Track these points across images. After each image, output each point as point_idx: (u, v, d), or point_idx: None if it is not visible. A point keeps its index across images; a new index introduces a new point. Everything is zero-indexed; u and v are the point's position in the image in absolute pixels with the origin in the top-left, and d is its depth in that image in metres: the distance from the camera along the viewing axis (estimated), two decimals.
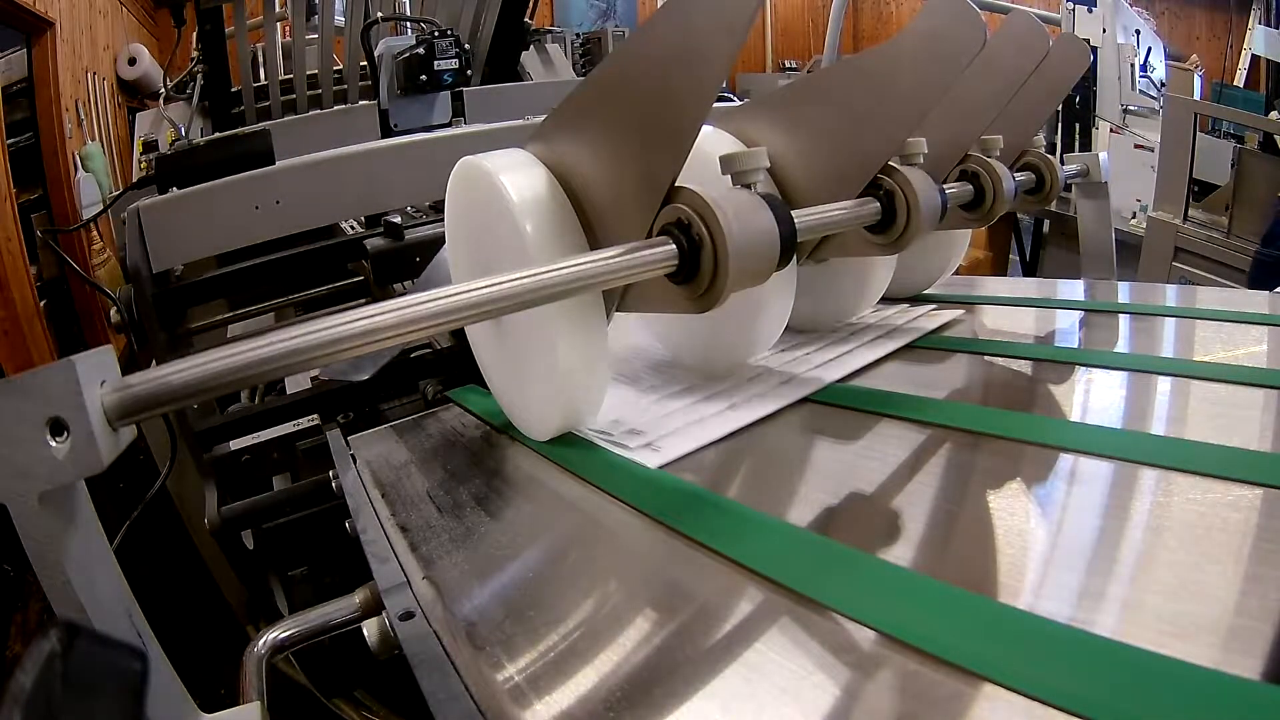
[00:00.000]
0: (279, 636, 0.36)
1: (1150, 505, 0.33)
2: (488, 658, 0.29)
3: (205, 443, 0.79)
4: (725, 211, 0.37)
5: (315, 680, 0.77)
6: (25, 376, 0.25)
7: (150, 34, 3.61)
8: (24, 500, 0.25)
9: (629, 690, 0.26)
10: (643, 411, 0.50)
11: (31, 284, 2.23)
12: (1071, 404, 0.47)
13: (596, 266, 0.37)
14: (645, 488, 0.40)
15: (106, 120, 2.97)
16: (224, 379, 0.28)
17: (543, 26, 1.87)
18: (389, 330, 0.31)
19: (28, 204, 2.38)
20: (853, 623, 0.27)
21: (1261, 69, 3.33)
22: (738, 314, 0.52)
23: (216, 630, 0.93)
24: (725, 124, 0.54)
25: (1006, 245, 2.54)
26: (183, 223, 0.80)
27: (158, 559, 1.03)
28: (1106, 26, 2.21)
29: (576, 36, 3.92)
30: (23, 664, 0.19)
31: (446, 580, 0.35)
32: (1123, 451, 0.37)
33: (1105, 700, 0.22)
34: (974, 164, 0.58)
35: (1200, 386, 0.45)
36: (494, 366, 0.54)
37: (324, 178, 0.86)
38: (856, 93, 0.49)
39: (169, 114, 1.64)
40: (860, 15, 6.35)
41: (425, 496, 0.45)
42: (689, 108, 0.37)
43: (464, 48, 1.10)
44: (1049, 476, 0.37)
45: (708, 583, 0.32)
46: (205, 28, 1.55)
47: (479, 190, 0.47)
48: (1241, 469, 0.34)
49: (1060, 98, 0.67)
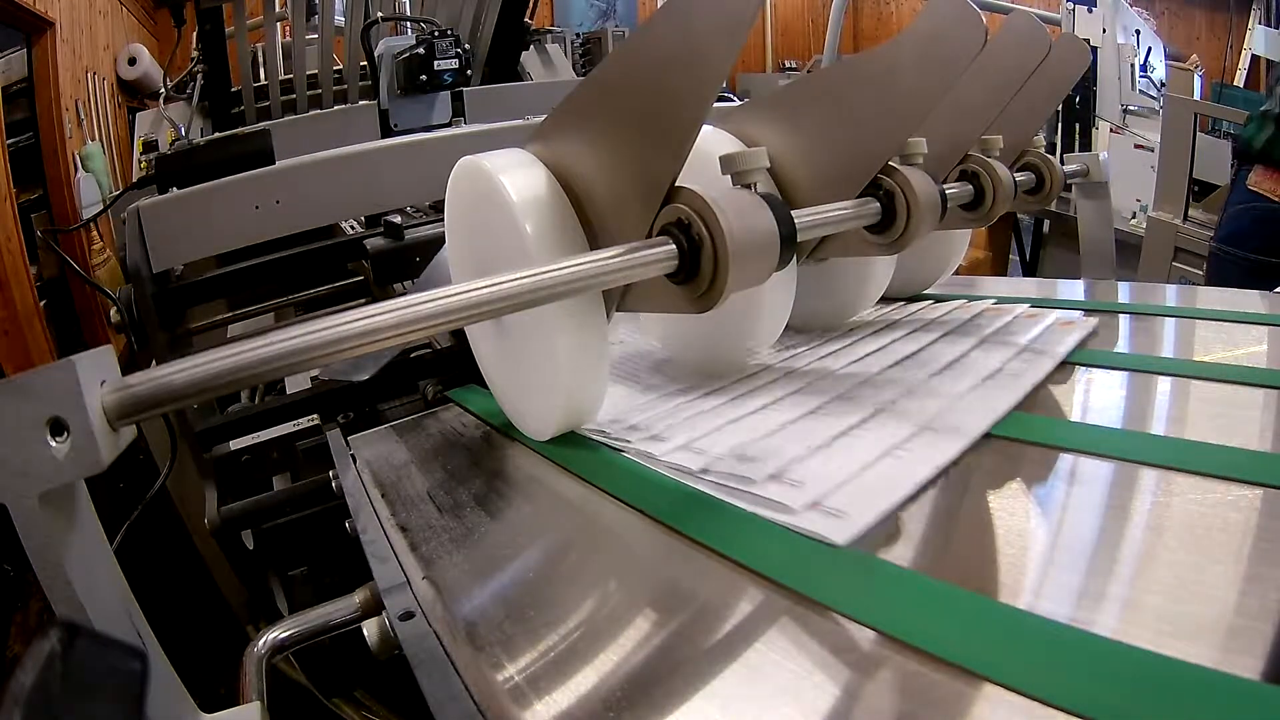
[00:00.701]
0: (279, 636, 0.36)
1: (1150, 505, 0.33)
2: (488, 658, 0.29)
3: (205, 443, 0.79)
4: (725, 211, 0.37)
5: (315, 680, 0.77)
6: (25, 376, 0.25)
7: (150, 34, 3.61)
8: (24, 500, 0.25)
9: (629, 690, 0.26)
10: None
11: (31, 284, 2.23)
12: (1071, 404, 0.47)
13: (596, 266, 0.37)
14: (645, 488, 0.40)
15: (106, 120, 2.97)
16: (224, 379, 0.28)
17: (543, 26, 1.87)
18: (389, 330, 0.31)
19: (28, 204, 2.39)
20: (853, 623, 0.27)
21: (1261, 69, 3.33)
22: (738, 314, 0.52)
23: (216, 630, 0.93)
24: (725, 124, 0.54)
25: (1006, 245, 2.54)
26: (183, 223, 0.80)
27: (158, 559, 1.03)
28: (1106, 26, 2.22)
29: (576, 36, 3.92)
30: (23, 664, 0.19)
31: (446, 580, 0.35)
32: (1123, 452, 0.37)
33: (1106, 700, 0.22)
34: (974, 164, 0.58)
35: (1200, 386, 0.45)
36: (494, 366, 0.54)
37: (324, 178, 0.86)
38: (857, 93, 0.49)
39: (169, 114, 1.64)
40: (860, 15, 6.35)
41: (425, 496, 0.45)
42: (689, 108, 0.37)
43: (464, 48, 1.10)
44: (1049, 476, 0.37)
45: (708, 583, 0.32)
46: (205, 28, 1.55)
47: (479, 190, 0.47)
48: (1242, 469, 0.34)
49: (1060, 98, 0.67)
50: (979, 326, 0.59)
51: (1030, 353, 0.52)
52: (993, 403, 0.44)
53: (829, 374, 0.52)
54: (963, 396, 0.45)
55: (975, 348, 0.54)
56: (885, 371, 0.51)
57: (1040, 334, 0.56)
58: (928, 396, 0.46)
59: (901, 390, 0.47)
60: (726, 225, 0.37)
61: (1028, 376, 0.48)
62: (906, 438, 0.41)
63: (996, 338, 0.56)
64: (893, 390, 0.47)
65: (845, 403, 0.46)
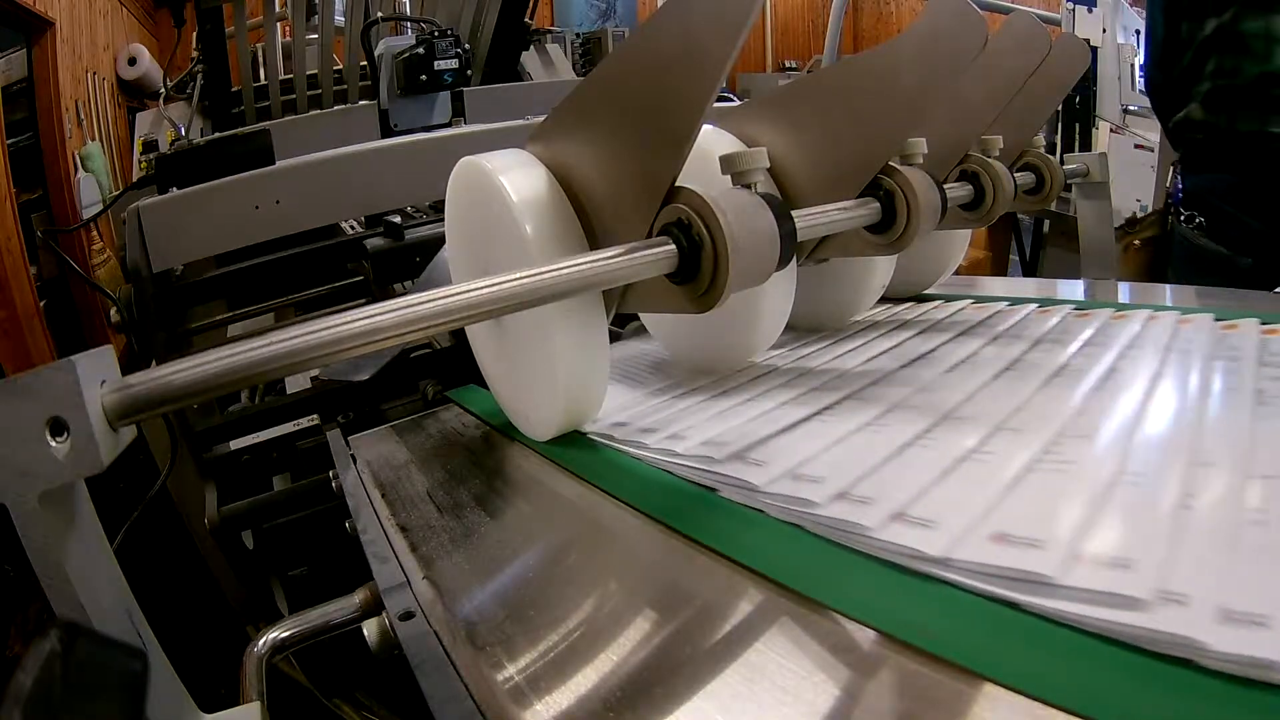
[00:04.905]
0: (279, 636, 0.36)
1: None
2: (488, 658, 0.29)
3: (205, 443, 0.79)
4: (725, 211, 0.37)
5: (315, 680, 0.77)
6: (25, 376, 0.25)
7: (150, 34, 3.61)
8: (24, 500, 0.25)
9: (629, 690, 0.26)
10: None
11: (31, 284, 2.23)
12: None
13: (596, 266, 0.37)
14: (645, 488, 0.40)
15: (106, 120, 2.97)
16: (224, 379, 0.28)
17: (543, 26, 1.87)
18: (389, 330, 0.31)
19: (28, 204, 2.38)
20: (853, 623, 0.27)
21: None
22: (738, 314, 0.52)
23: (216, 630, 0.93)
24: (725, 124, 0.54)
25: (1006, 245, 2.53)
26: (183, 223, 0.81)
27: (158, 559, 1.03)
28: (1106, 26, 2.21)
29: (576, 36, 3.91)
30: (23, 664, 0.19)
31: (446, 580, 0.35)
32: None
33: (1107, 700, 0.22)
34: (974, 164, 0.58)
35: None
36: (494, 366, 0.54)
37: (324, 178, 0.86)
38: (857, 93, 0.49)
39: (169, 114, 1.65)
40: (860, 15, 6.35)
41: (425, 496, 0.45)
42: (689, 108, 0.37)
43: (464, 48, 1.10)
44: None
45: (708, 583, 0.32)
46: (205, 28, 1.55)
47: (479, 190, 0.47)
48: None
49: (1060, 98, 0.67)
50: (1024, 326, 0.57)
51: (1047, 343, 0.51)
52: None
53: (873, 377, 0.49)
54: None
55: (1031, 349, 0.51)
56: (942, 377, 0.48)
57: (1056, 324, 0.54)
58: (990, 401, 0.42)
59: (962, 397, 0.43)
60: (726, 225, 0.37)
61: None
62: (978, 444, 0.37)
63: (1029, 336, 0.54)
64: (950, 395, 0.43)
65: (905, 412, 0.42)
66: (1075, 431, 0.37)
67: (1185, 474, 0.32)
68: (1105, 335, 0.53)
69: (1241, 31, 1.07)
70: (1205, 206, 1.16)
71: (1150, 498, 0.30)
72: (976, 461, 0.36)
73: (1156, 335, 0.51)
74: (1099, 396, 0.42)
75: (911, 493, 0.33)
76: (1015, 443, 0.37)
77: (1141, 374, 0.44)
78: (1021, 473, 0.34)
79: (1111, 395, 0.42)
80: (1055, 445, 0.36)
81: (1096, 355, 0.48)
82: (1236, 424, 0.36)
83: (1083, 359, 0.48)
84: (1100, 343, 0.51)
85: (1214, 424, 0.37)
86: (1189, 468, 0.32)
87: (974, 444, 0.37)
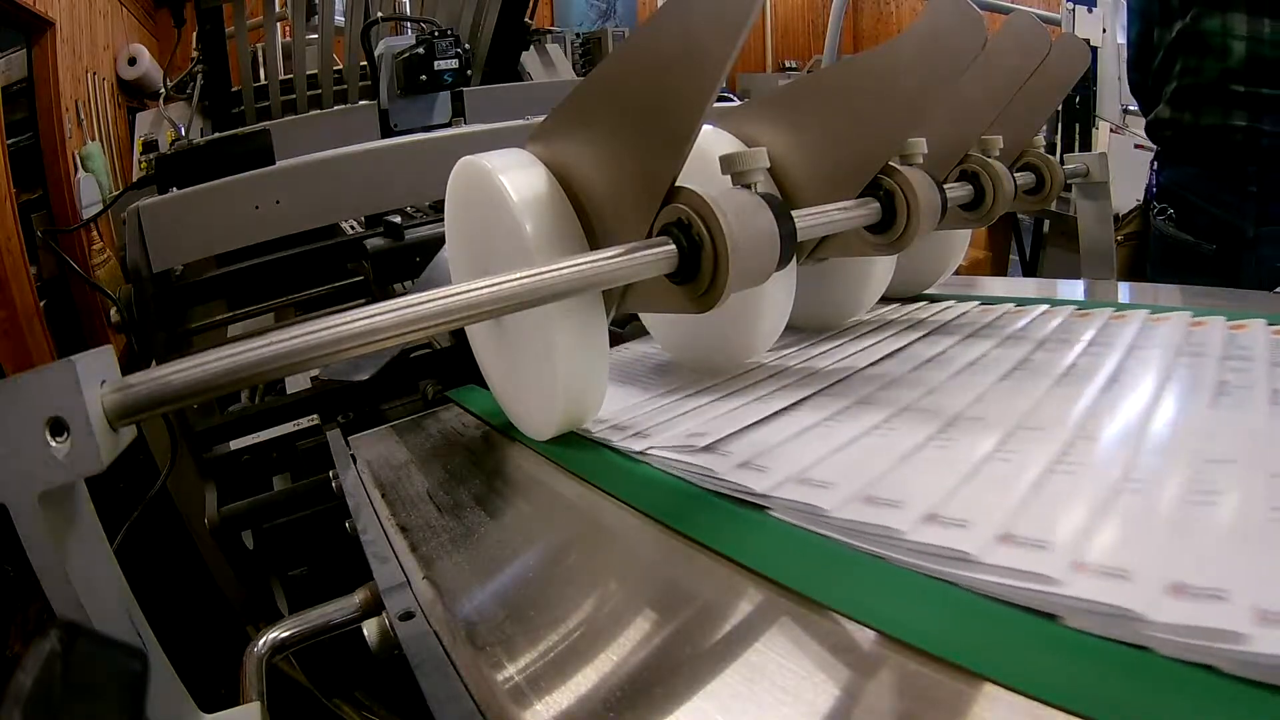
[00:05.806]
0: (279, 636, 0.36)
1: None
2: (488, 658, 0.29)
3: (205, 443, 0.79)
4: (725, 211, 0.37)
5: (315, 680, 0.77)
6: (25, 376, 0.25)
7: (150, 34, 3.61)
8: (24, 500, 0.25)
9: (629, 690, 0.26)
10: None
11: (31, 284, 2.23)
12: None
13: (596, 266, 0.37)
14: (645, 488, 0.40)
15: (106, 120, 2.97)
16: (224, 379, 0.28)
17: (543, 26, 1.87)
18: (389, 330, 0.31)
19: (28, 204, 2.39)
20: (853, 623, 0.27)
21: None
22: (738, 314, 0.52)
23: (216, 630, 0.93)
24: (725, 124, 0.54)
25: (1006, 245, 2.53)
26: (183, 223, 0.81)
27: (158, 559, 1.03)
28: (1106, 26, 2.21)
29: (576, 36, 3.92)
30: (23, 664, 0.19)
31: (446, 580, 0.35)
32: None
33: (1109, 700, 0.22)
34: (974, 164, 0.58)
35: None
36: (494, 366, 0.54)
37: (324, 178, 0.86)
38: (856, 93, 0.49)
39: (169, 114, 1.65)
40: (860, 15, 6.36)
41: (425, 496, 0.45)
42: (689, 108, 0.37)
43: (464, 48, 1.10)
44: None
45: (708, 583, 0.32)
46: (205, 28, 1.55)
47: (479, 190, 0.47)
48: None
49: (1060, 98, 0.67)
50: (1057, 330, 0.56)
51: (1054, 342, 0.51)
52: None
53: (881, 381, 0.49)
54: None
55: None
56: (956, 378, 0.47)
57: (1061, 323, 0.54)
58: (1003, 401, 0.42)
59: (973, 398, 0.43)
60: (726, 225, 0.37)
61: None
62: (996, 446, 0.37)
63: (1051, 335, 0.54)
64: (964, 397, 0.43)
65: (915, 415, 0.42)
66: (1085, 434, 0.37)
67: (1241, 477, 0.31)
68: (1108, 335, 0.53)
69: (1201, 31, 1.11)
70: (1175, 199, 1.21)
71: (1202, 505, 0.30)
72: (999, 461, 0.35)
73: (1161, 335, 0.51)
74: (1106, 398, 0.42)
75: (939, 495, 0.32)
76: (1033, 443, 0.37)
77: (1148, 375, 0.44)
78: (1042, 475, 0.33)
79: (1116, 397, 0.42)
80: (1070, 448, 0.36)
81: (1102, 355, 0.48)
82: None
83: (1089, 359, 0.48)
84: (1105, 342, 0.51)
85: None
86: (1238, 470, 0.32)
87: (991, 447, 0.37)
